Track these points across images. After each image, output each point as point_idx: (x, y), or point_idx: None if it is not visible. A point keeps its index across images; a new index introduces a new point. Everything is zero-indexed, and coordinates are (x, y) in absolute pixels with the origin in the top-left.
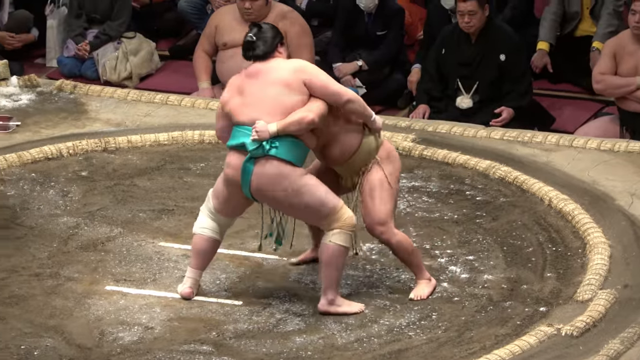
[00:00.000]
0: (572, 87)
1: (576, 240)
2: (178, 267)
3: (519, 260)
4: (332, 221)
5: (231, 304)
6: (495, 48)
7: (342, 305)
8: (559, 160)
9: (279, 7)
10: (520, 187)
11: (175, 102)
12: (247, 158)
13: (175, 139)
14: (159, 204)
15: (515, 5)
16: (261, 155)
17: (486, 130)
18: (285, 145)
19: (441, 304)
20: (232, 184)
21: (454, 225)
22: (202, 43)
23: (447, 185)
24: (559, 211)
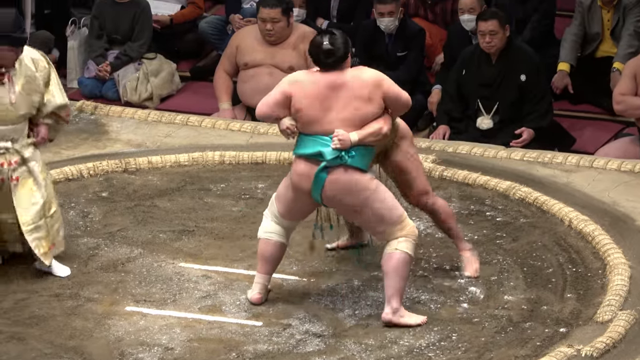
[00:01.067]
0: (592, 107)
1: (596, 261)
2: (198, 288)
3: (539, 281)
4: (397, 230)
5: (251, 325)
6: (516, 69)
7: (405, 315)
8: (579, 181)
9: (300, 28)
10: (541, 208)
11: (195, 123)
12: (322, 167)
13: (196, 160)
14: (179, 225)
15: (535, 27)
16: (338, 164)
17: (506, 151)
18: (360, 154)
19: (461, 325)
20: (300, 190)
21: (474, 246)
22: (223, 63)
23: (468, 206)
24: (579, 232)
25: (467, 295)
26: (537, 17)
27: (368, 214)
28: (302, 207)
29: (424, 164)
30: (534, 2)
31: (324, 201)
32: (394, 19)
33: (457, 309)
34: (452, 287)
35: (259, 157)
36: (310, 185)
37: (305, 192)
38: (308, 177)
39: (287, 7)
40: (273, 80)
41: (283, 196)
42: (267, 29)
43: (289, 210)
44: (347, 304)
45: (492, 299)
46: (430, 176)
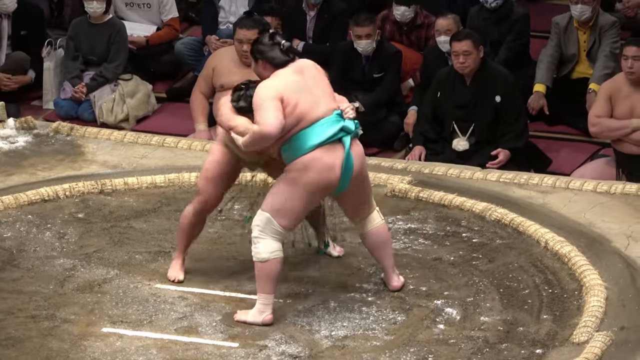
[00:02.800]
0: (568, 129)
1: (572, 282)
2: (174, 309)
3: (515, 302)
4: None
5: (227, 346)
6: (490, 90)
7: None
8: (555, 202)
9: None
10: (517, 229)
11: (171, 144)
12: (349, 143)
13: (172, 181)
14: (156, 246)
15: (510, 47)
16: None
17: (482, 172)
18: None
19: (437, 346)
20: (326, 186)
21: (450, 267)
22: (199, 85)
23: (444, 227)
24: (555, 253)
25: (443, 316)
26: (511, 37)
27: (368, 183)
28: (310, 209)
29: (400, 185)
30: (508, 23)
31: (352, 181)
32: (371, 41)
33: (434, 330)
34: (428, 307)
35: None
36: (339, 173)
37: (331, 186)
38: (334, 164)
39: (264, 28)
40: None
41: (289, 209)
42: (243, 50)
43: (298, 219)
44: (324, 325)
45: (469, 320)
46: (407, 197)
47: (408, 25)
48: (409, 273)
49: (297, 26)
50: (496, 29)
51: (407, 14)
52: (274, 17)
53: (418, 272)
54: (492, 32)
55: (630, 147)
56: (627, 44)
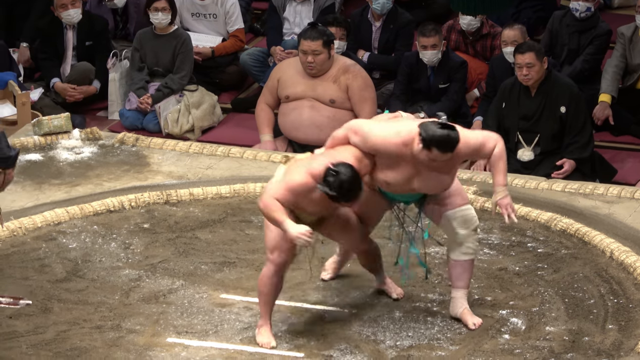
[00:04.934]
0: (634, 139)
1: (638, 292)
2: (240, 319)
3: (581, 312)
4: None
5: (292, 356)
6: (555, 101)
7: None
8: (620, 212)
9: (341, 60)
10: (582, 239)
11: (237, 154)
12: None
13: (237, 192)
14: (221, 257)
15: (588, 59)
16: None
17: (548, 182)
18: None
19: (503, 356)
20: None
21: (515, 277)
22: (265, 95)
23: (509, 237)
24: (621, 263)
25: (508, 326)
26: (591, 50)
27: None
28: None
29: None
30: (590, 35)
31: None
32: (437, 51)
33: (499, 340)
34: (493, 317)
35: None
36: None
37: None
38: None
39: (329, 39)
40: (314, 113)
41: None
42: (308, 61)
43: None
44: (389, 335)
45: (534, 329)
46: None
47: (474, 35)
48: (474, 283)
49: (363, 36)
50: (577, 38)
51: (473, 23)
52: (338, 27)
53: (483, 282)
54: (572, 40)
55: None
56: None
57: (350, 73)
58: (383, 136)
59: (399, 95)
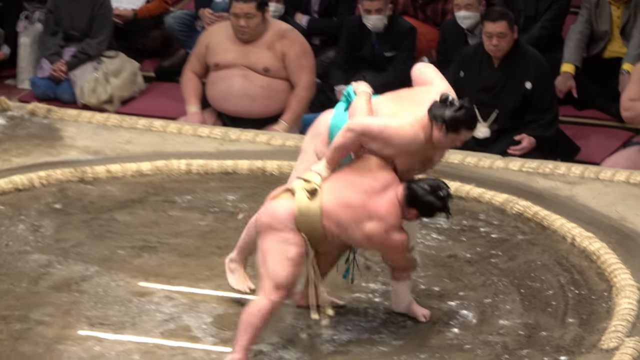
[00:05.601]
0: (599, 113)
1: (601, 283)
2: (160, 310)
3: (538, 305)
4: None
5: (218, 352)
6: (521, 74)
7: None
8: (583, 194)
9: (277, 25)
10: (540, 224)
11: (160, 128)
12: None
13: (160, 169)
14: (140, 240)
15: (546, 26)
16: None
17: (503, 160)
18: None
19: (451, 352)
20: None
21: (466, 265)
22: (192, 63)
23: (460, 221)
24: (583, 250)
25: (458, 319)
26: (549, 15)
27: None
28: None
29: None
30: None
31: None
32: (382, 16)
33: (447, 335)
34: (441, 309)
35: (229, 166)
36: None
37: None
38: None
39: (262, 1)
40: (246, 82)
41: None
42: (240, 26)
43: None
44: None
45: (486, 323)
46: None
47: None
48: (420, 272)
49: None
50: (534, 3)
51: None
52: None
53: (431, 270)
54: (528, 6)
55: None
56: None
57: (286, 39)
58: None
59: (341, 64)
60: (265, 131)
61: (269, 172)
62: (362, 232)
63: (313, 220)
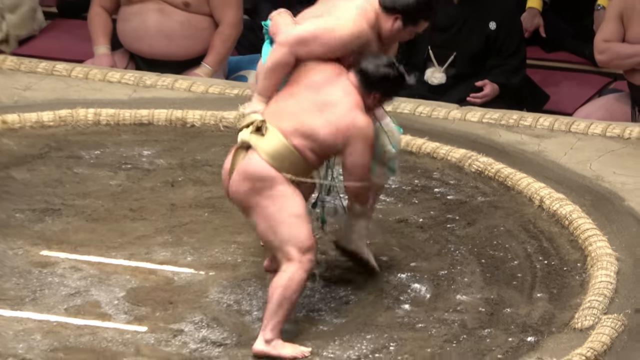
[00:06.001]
0: (570, 56)
1: (574, 252)
2: (65, 283)
3: (501, 277)
4: None
5: (132, 331)
6: (485, 12)
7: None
8: (553, 149)
9: None
10: (504, 183)
11: (63, 72)
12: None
13: (64, 119)
14: (42, 202)
15: None
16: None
17: (461, 110)
18: None
19: (401, 332)
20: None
21: (418, 231)
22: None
23: (411, 180)
24: (553, 214)
25: (409, 293)
26: None
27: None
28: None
29: None
30: None
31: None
32: None
33: (397, 312)
34: (390, 282)
35: (144, 116)
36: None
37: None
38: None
39: None
40: (163, 18)
41: None
42: None
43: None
44: (256, 305)
45: (441, 299)
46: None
47: None
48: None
49: None
50: None
51: None
52: None
53: (377, 237)
54: None
55: None
56: None
57: None
58: (341, 34)
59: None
60: (185, 76)
61: (190, 123)
62: (328, 125)
63: (285, 151)
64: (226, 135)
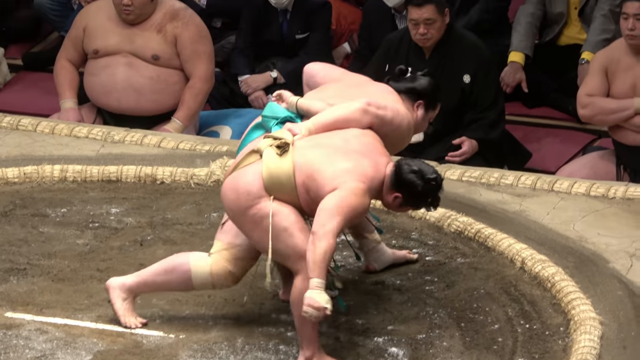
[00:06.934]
0: (554, 112)
1: (557, 316)
2: (30, 346)
3: (481, 341)
4: None
5: None
6: (458, 66)
7: None
8: (535, 208)
9: (168, 3)
10: (484, 244)
11: (29, 126)
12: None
13: (29, 176)
14: (6, 262)
15: (485, 8)
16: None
17: (440, 168)
18: None
19: None
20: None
21: (396, 293)
22: (67, 49)
23: (388, 240)
24: (535, 276)
25: (386, 358)
26: None
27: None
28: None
29: None
30: None
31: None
32: None
33: None
34: (366, 346)
35: (112, 172)
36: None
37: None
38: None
39: None
40: (132, 72)
41: None
42: (124, 4)
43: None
44: None
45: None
46: None
47: None
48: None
49: None
50: None
51: None
52: None
53: (354, 299)
54: None
55: (634, 135)
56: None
57: (179, 20)
58: (403, 118)
59: (244, 49)
60: (155, 131)
61: (160, 180)
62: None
63: (285, 181)
64: (197, 192)
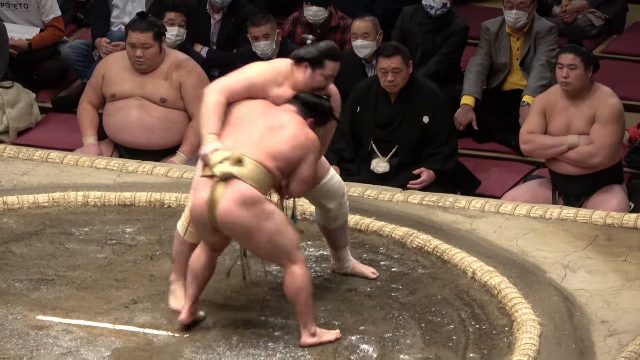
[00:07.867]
0: (499, 147)
1: (502, 318)
2: (58, 344)
3: (439, 339)
4: None
5: None
6: (419, 109)
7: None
8: (484, 228)
9: (174, 55)
10: (441, 258)
11: (57, 159)
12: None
13: (57, 201)
14: (38, 273)
15: (442, 60)
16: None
17: (403, 194)
18: None
19: None
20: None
21: (366, 299)
22: (88, 94)
23: (360, 254)
24: (484, 285)
25: (358, 354)
26: (446, 49)
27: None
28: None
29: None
30: (445, 34)
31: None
32: (271, 42)
33: None
34: (341, 344)
35: (127, 198)
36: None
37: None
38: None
39: (160, 31)
40: (143, 113)
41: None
42: (137, 56)
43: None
44: None
45: (387, 358)
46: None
47: (321, 27)
48: (320, 305)
49: (200, 30)
50: (432, 38)
51: (319, 14)
52: (178, 13)
53: (331, 304)
54: (426, 41)
55: (567, 167)
56: (562, 51)
57: (183, 69)
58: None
59: None
60: (163, 163)
61: (168, 204)
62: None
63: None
64: None
